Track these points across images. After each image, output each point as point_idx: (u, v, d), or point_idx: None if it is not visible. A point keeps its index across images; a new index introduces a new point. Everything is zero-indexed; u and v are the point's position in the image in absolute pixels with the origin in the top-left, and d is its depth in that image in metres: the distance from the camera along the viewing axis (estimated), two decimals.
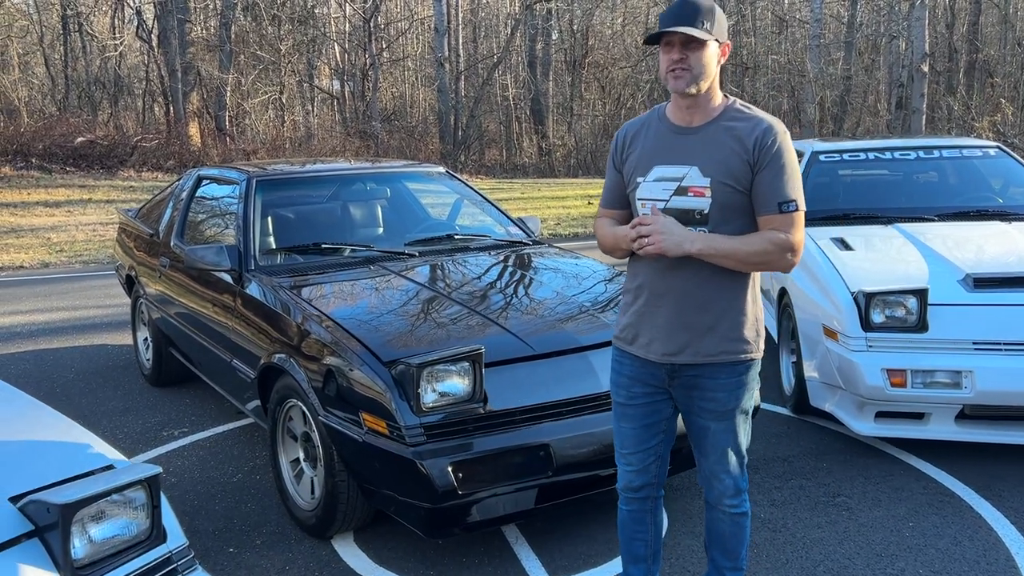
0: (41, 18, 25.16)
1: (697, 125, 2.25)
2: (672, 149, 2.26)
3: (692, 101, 2.23)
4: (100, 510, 1.92)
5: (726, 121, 2.23)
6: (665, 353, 2.30)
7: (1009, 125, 16.64)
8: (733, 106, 2.26)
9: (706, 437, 2.36)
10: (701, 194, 2.20)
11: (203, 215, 4.89)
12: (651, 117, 2.37)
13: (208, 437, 4.44)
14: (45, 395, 5.01)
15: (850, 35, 23.34)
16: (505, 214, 4.89)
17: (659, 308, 2.30)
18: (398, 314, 3.43)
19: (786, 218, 2.19)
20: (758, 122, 2.21)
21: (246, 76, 21.57)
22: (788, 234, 2.18)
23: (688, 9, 2.16)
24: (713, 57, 2.20)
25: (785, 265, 2.23)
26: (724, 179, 2.19)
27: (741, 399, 2.33)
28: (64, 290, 8.45)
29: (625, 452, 2.47)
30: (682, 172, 2.23)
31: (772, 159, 2.17)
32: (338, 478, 3.07)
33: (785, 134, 2.22)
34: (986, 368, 3.62)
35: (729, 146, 2.20)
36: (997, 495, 3.57)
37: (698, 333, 2.26)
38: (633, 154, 2.33)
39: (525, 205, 14.37)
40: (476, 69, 26.01)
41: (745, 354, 2.29)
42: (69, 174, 17.18)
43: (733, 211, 2.21)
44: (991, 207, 5.06)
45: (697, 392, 2.32)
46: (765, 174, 2.18)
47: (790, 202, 2.18)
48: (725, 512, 2.43)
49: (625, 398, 2.42)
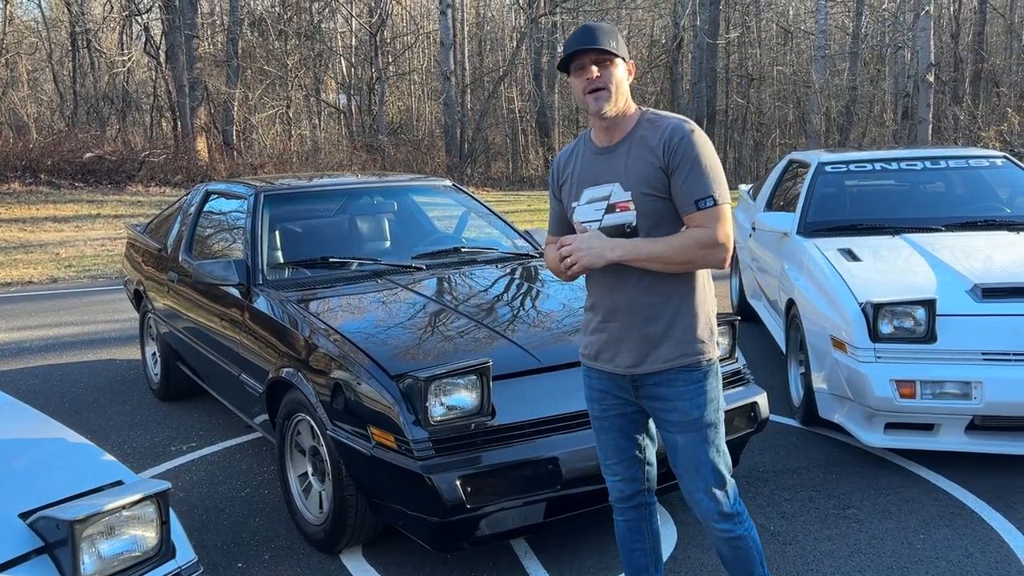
0: (50, 35, 25.39)
1: (615, 142, 2.31)
2: (597, 170, 2.33)
3: (610, 122, 2.28)
4: (109, 526, 1.92)
5: (639, 132, 2.28)
6: (628, 366, 2.33)
7: (1016, 134, 16.60)
8: (645, 116, 2.31)
9: (676, 453, 2.35)
10: (626, 208, 2.25)
11: (211, 230, 4.91)
12: (578, 143, 2.45)
13: (216, 452, 4.45)
14: (54, 410, 5.02)
15: (855, 46, 23.37)
16: (512, 227, 4.90)
17: (613, 324, 2.34)
18: (405, 327, 3.44)
19: (705, 214, 2.19)
20: (665, 126, 2.25)
21: (253, 91, 21.69)
22: (710, 229, 2.19)
23: (593, 33, 2.24)
24: (624, 75, 2.27)
25: (715, 261, 2.24)
26: (643, 189, 2.23)
27: (703, 408, 2.30)
28: (72, 305, 8.48)
29: (609, 463, 2.49)
30: (607, 191, 2.29)
31: (682, 159, 2.20)
32: (346, 492, 3.07)
33: (694, 132, 2.24)
34: (995, 379, 3.60)
35: (644, 156, 2.25)
36: (1009, 506, 3.54)
37: (654, 343, 2.29)
38: (567, 182, 2.41)
39: (531, 217, 14.38)
40: (482, 82, 26.11)
41: (700, 355, 2.30)
42: (77, 189, 17.28)
43: (659, 218, 2.25)
44: (999, 217, 5.04)
45: (659, 403, 2.33)
46: (678, 175, 2.21)
47: (706, 198, 2.19)
48: (717, 536, 2.39)
49: (599, 411, 2.46)
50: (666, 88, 25.67)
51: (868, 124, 24.31)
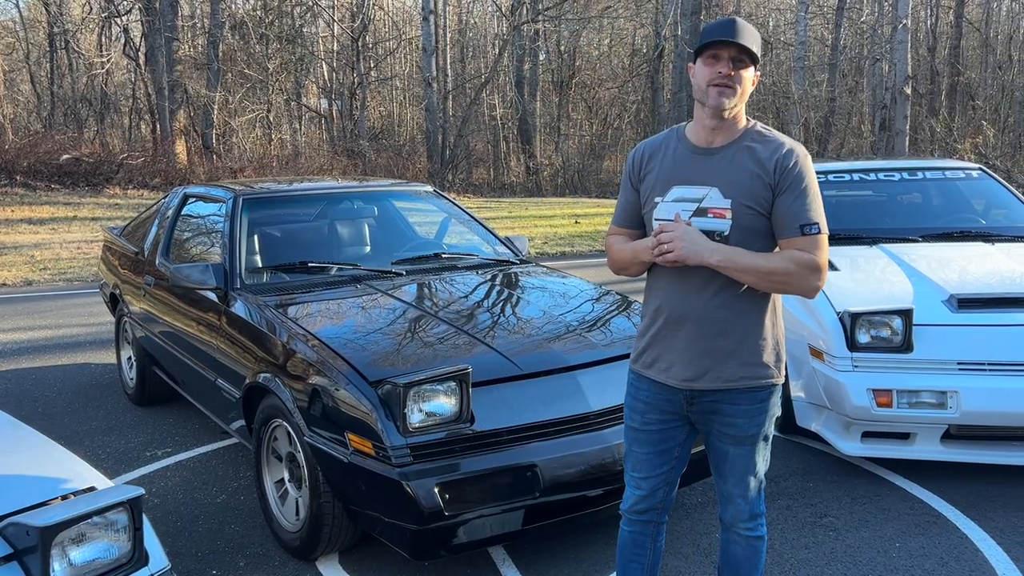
0: (28, 35, 25.13)
1: (718, 146, 2.23)
2: (692, 169, 2.23)
3: (719, 122, 2.21)
4: (81, 532, 1.89)
5: (747, 143, 2.21)
6: (685, 379, 2.26)
7: (991, 147, 16.83)
8: (754, 128, 2.24)
9: (725, 461, 2.35)
10: (722, 216, 2.17)
11: (189, 233, 4.87)
12: (669, 137, 2.35)
13: (192, 457, 4.40)
14: (26, 415, 4.95)
15: (834, 57, 23.61)
16: (492, 233, 4.90)
17: (678, 332, 2.26)
18: (384, 333, 3.42)
19: (809, 240, 2.15)
20: (779, 145, 2.20)
21: (233, 94, 21.56)
22: (813, 255, 2.15)
23: (740, 29, 2.15)
24: (751, 80, 2.20)
25: (808, 287, 2.18)
26: (745, 201, 2.17)
27: (762, 425, 2.30)
28: (47, 308, 8.38)
29: (636, 476, 2.44)
30: (702, 193, 2.20)
31: (793, 182, 2.15)
32: (323, 499, 3.04)
33: (806, 157, 2.20)
34: (971, 388, 3.64)
35: (750, 168, 2.18)
36: (983, 515, 3.57)
37: (719, 359, 2.23)
38: (651, 174, 2.30)
39: (512, 224, 14.39)
40: (464, 89, 26.10)
41: (766, 379, 2.27)
42: (54, 191, 17.09)
43: (753, 234, 2.19)
44: (974, 228, 5.10)
45: (716, 417, 2.29)
46: (786, 197, 2.16)
47: (812, 224, 2.15)
48: (740, 535, 2.40)
49: (640, 423, 2.39)
50: (647, 97, 25.80)
51: (846, 135, 24.54)
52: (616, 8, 25.64)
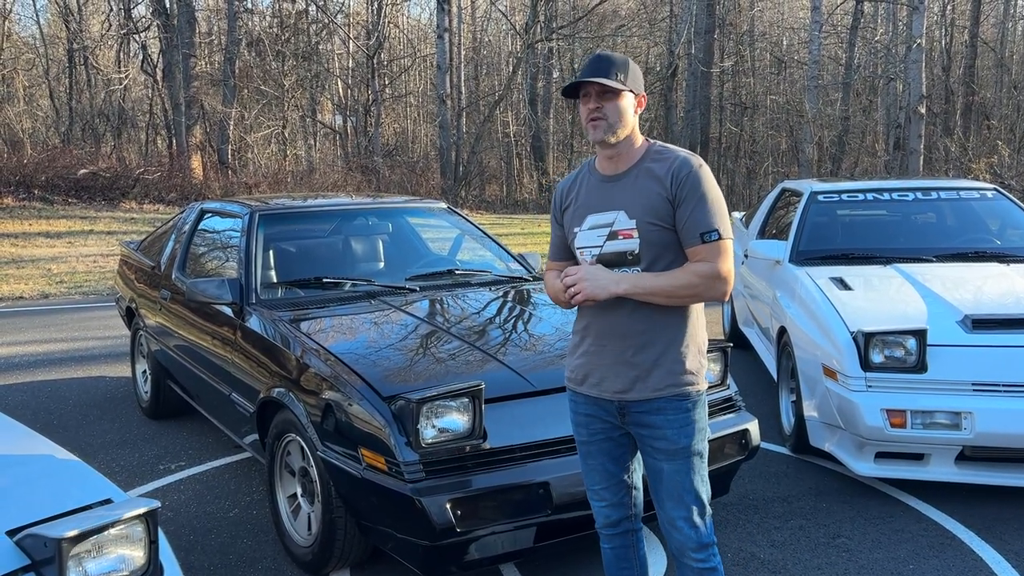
0: (47, 51, 25.46)
1: (621, 172, 2.36)
2: (601, 197, 2.37)
3: (613, 151, 2.34)
4: (97, 544, 1.90)
5: (646, 163, 2.34)
6: (616, 391, 2.34)
7: (1006, 167, 16.75)
8: (652, 148, 2.37)
9: (660, 480, 2.36)
10: (630, 236, 2.29)
11: (205, 248, 4.91)
12: (583, 171, 2.49)
13: (205, 471, 4.42)
14: (42, 427, 4.99)
15: (848, 76, 23.60)
16: (505, 250, 4.92)
17: (604, 348, 2.36)
18: (398, 349, 3.43)
19: (710, 248, 2.24)
20: (674, 158, 2.31)
21: (249, 110, 21.76)
22: (713, 263, 2.24)
23: (603, 63, 2.29)
24: (629, 107, 2.32)
25: (716, 295, 2.27)
26: (648, 218, 2.28)
27: (692, 437, 2.32)
28: (63, 321, 8.45)
29: (597, 488, 2.48)
30: (611, 218, 2.33)
31: (689, 191, 2.25)
32: (335, 514, 3.05)
33: (702, 167, 2.29)
34: (985, 409, 3.61)
35: (650, 187, 2.29)
36: (998, 537, 3.54)
37: (644, 370, 2.31)
38: (570, 208, 2.45)
39: (525, 241, 14.41)
40: (477, 106, 26.25)
41: (690, 386, 2.32)
42: (71, 205, 17.26)
43: (662, 248, 2.29)
44: (989, 249, 5.08)
45: (647, 431, 2.34)
46: (684, 207, 2.25)
47: (711, 231, 2.24)
48: (691, 567, 2.37)
49: (587, 435, 2.46)
50: (660, 116, 25.86)
51: (860, 154, 24.49)
52: (630, 27, 25.77)
